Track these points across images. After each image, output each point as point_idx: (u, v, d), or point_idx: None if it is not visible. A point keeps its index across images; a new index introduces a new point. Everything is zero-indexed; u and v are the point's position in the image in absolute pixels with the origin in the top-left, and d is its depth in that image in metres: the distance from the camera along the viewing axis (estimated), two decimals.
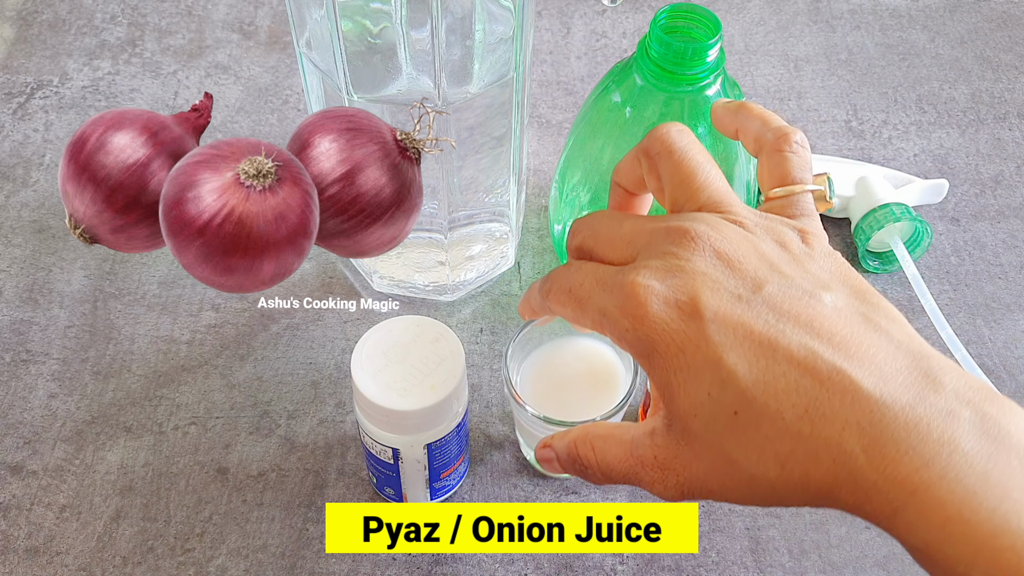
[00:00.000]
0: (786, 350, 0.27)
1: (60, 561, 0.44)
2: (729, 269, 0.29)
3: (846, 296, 0.29)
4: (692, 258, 0.29)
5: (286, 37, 0.68)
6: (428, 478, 0.43)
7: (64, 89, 0.64)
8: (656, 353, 0.29)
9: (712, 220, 0.30)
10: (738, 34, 0.69)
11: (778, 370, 0.27)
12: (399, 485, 0.44)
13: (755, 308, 0.28)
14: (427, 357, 0.40)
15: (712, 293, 0.28)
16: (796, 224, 0.32)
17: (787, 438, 0.27)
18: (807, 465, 0.27)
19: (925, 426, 0.26)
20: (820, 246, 0.31)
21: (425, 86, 0.43)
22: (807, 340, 0.27)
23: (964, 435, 0.26)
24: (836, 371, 0.27)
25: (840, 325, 0.28)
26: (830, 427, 0.26)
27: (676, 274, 0.29)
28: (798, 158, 0.33)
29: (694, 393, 0.28)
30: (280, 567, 0.44)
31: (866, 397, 0.26)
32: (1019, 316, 0.54)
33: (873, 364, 0.27)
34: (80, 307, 0.53)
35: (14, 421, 0.49)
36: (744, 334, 0.28)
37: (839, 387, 0.27)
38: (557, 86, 0.65)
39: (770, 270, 0.29)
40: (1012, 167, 0.61)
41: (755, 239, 0.30)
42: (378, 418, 0.40)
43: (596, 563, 0.44)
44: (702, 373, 0.28)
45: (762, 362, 0.27)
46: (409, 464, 0.42)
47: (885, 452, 0.26)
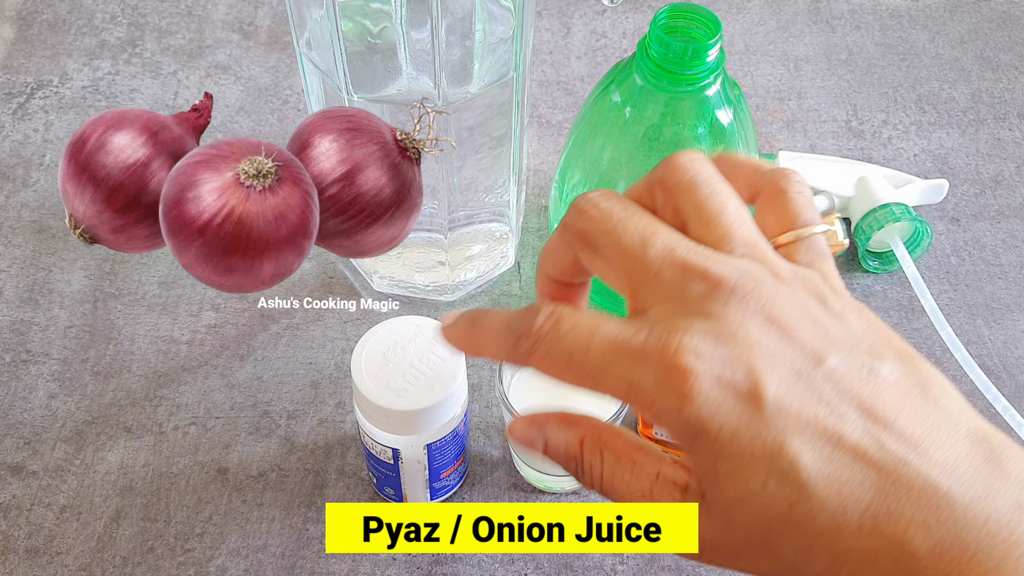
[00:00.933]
0: (851, 439, 0.25)
1: (60, 561, 0.44)
2: (785, 338, 0.26)
3: (899, 365, 0.27)
4: (744, 323, 0.26)
5: (286, 37, 0.68)
6: (428, 478, 0.43)
7: (64, 89, 0.64)
8: (704, 435, 0.25)
9: (753, 271, 0.27)
10: (738, 34, 0.69)
11: (843, 461, 0.24)
12: (399, 485, 0.44)
13: (817, 387, 0.25)
14: (427, 357, 0.40)
15: (772, 371, 0.25)
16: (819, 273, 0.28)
17: (846, 535, 0.24)
18: (863, 563, 0.24)
19: (995, 523, 0.24)
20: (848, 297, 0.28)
21: (425, 86, 0.43)
22: (871, 427, 0.25)
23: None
24: (903, 463, 0.24)
25: (902, 406, 0.26)
26: (895, 525, 0.24)
27: (727, 343, 0.25)
28: (802, 197, 0.30)
29: (746, 483, 0.25)
30: (280, 567, 0.44)
31: (934, 491, 0.24)
32: (1019, 316, 0.54)
33: (938, 451, 0.25)
34: (80, 307, 0.53)
35: (14, 421, 0.49)
36: (807, 419, 0.25)
37: (906, 481, 0.24)
38: (557, 86, 0.65)
39: (826, 338, 0.26)
40: (1012, 167, 0.61)
41: (799, 295, 0.27)
42: (378, 418, 0.40)
43: (596, 563, 0.44)
44: (757, 462, 0.25)
45: (826, 451, 0.24)
46: (409, 464, 0.42)
47: (952, 553, 0.24)
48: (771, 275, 0.27)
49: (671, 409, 0.25)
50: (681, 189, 0.29)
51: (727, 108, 0.45)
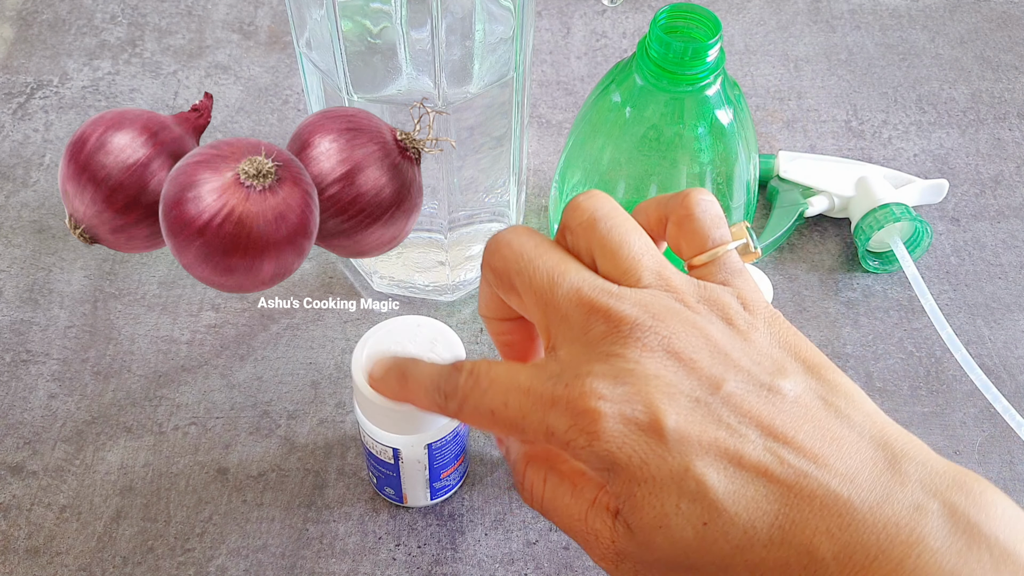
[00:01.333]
0: (752, 457, 0.26)
1: (60, 561, 0.44)
2: (683, 369, 0.27)
3: (804, 377, 0.28)
4: (641, 360, 0.27)
5: (286, 37, 0.68)
6: (428, 478, 0.43)
7: (64, 89, 0.64)
8: (617, 467, 0.27)
9: (655, 306, 0.28)
10: (738, 34, 0.69)
11: (746, 478, 0.26)
12: (399, 485, 0.44)
13: (716, 412, 0.27)
14: (427, 357, 0.40)
15: (670, 402, 0.27)
16: (731, 290, 0.30)
17: (758, 547, 0.26)
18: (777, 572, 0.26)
19: (894, 526, 0.25)
20: (761, 310, 0.30)
21: (425, 86, 0.43)
22: (772, 445, 0.26)
23: (932, 532, 0.25)
24: (803, 476, 0.26)
25: (803, 420, 0.27)
26: (801, 534, 0.25)
27: (627, 381, 0.27)
28: (709, 216, 0.31)
29: (661, 507, 0.26)
30: (280, 567, 0.44)
31: (834, 500, 0.26)
32: (1019, 316, 0.54)
33: (839, 462, 0.26)
34: (80, 307, 0.53)
35: (14, 421, 0.49)
36: (708, 443, 0.26)
37: (807, 493, 0.26)
38: (557, 86, 0.65)
39: (725, 363, 0.28)
40: (1012, 167, 0.61)
41: (701, 321, 0.28)
42: (378, 418, 0.40)
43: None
44: (668, 487, 0.26)
45: (730, 470, 0.26)
46: (409, 464, 0.42)
47: (856, 558, 0.25)
48: (677, 303, 0.28)
49: (584, 447, 0.27)
50: (583, 228, 0.30)
51: (727, 108, 0.45)
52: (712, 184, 0.47)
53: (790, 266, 0.56)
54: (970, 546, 0.25)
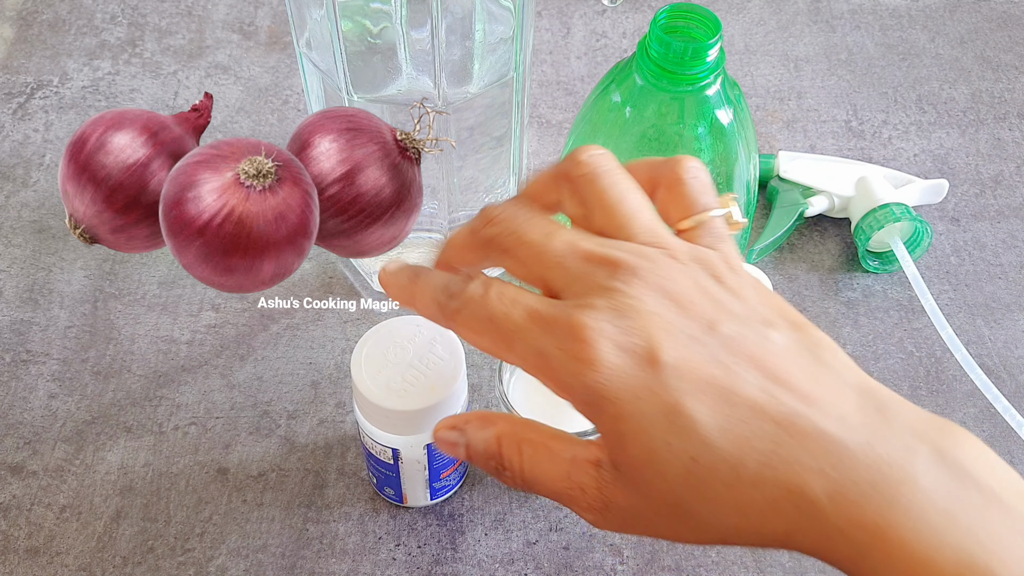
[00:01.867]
0: (746, 395, 0.26)
1: (60, 561, 0.44)
2: (680, 309, 0.28)
3: (790, 331, 0.28)
4: (642, 297, 0.27)
5: (286, 37, 0.68)
6: (428, 478, 0.43)
7: (64, 89, 0.64)
8: (605, 400, 0.27)
9: (650, 254, 0.29)
10: (738, 34, 0.69)
11: (738, 415, 0.26)
12: (399, 485, 0.44)
13: (712, 351, 0.27)
14: (427, 357, 0.40)
15: (668, 336, 0.27)
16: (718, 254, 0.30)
17: (747, 485, 0.26)
18: (767, 512, 0.26)
19: (886, 464, 0.25)
20: (745, 273, 0.30)
21: (425, 86, 0.43)
22: (766, 383, 0.27)
23: (924, 471, 0.25)
24: (796, 415, 0.26)
25: (794, 366, 0.27)
26: (792, 473, 0.25)
27: (628, 315, 0.27)
28: (698, 183, 0.31)
29: (649, 442, 0.26)
30: (280, 567, 0.44)
31: (827, 439, 0.26)
32: (1019, 316, 0.54)
33: (829, 404, 0.27)
34: (80, 307, 0.53)
35: (14, 421, 0.49)
36: (703, 379, 0.26)
37: (800, 431, 0.26)
38: (557, 86, 0.65)
39: (718, 309, 0.28)
40: (1012, 167, 0.61)
41: (693, 272, 0.29)
42: (378, 418, 0.40)
43: (596, 563, 0.44)
44: (658, 421, 0.26)
45: (723, 408, 0.26)
46: (409, 464, 0.42)
47: (848, 495, 0.25)
48: (668, 257, 0.29)
49: (575, 376, 0.27)
50: (584, 181, 0.30)
51: (727, 108, 0.45)
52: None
53: (790, 266, 0.56)
54: (959, 486, 0.25)
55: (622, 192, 0.30)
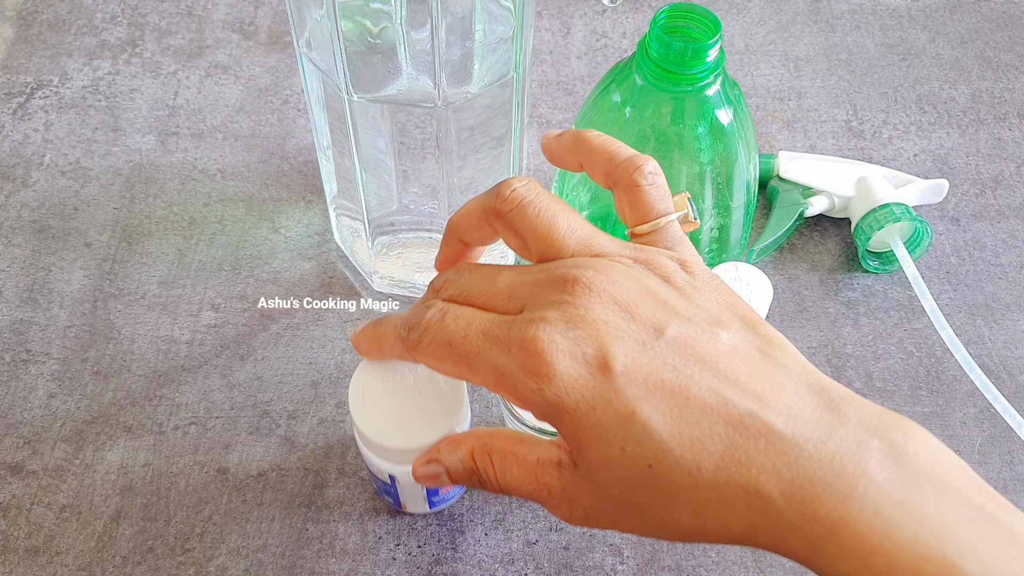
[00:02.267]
0: (698, 397, 0.27)
1: (60, 561, 0.44)
2: (628, 315, 0.28)
3: (741, 330, 0.29)
4: (591, 306, 0.28)
5: (286, 37, 0.68)
6: (426, 495, 0.43)
7: (64, 89, 0.64)
8: (563, 412, 0.27)
9: (594, 263, 0.30)
10: (738, 34, 0.69)
11: (691, 418, 0.27)
12: (397, 497, 0.43)
13: (661, 355, 0.27)
14: (427, 389, 0.38)
15: (618, 343, 0.27)
16: (672, 255, 0.31)
17: (702, 488, 0.26)
18: (722, 512, 0.26)
19: (839, 461, 0.26)
20: (701, 272, 0.31)
21: (425, 86, 0.43)
22: (716, 385, 0.27)
23: (876, 465, 0.26)
24: (749, 415, 0.26)
25: (743, 365, 0.28)
26: (747, 473, 0.26)
27: (578, 325, 0.28)
28: (655, 188, 0.32)
29: (606, 448, 0.27)
30: (280, 567, 0.44)
31: (779, 438, 0.26)
32: (1019, 316, 0.54)
33: (781, 403, 0.27)
34: (80, 307, 0.53)
35: (14, 421, 0.49)
36: (655, 384, 0.27)
37: (753, 431, 0.26)
38: (557, 86, 0.65)
39: (666, 311, 0.29)
40: (1012, 167, 0.61)
41: (639, 275, 0.30)
42: (376, 449, 0.39)
43: (596, 563, 0.44)
44: (614, 428, 0.27)
45: (675, 412, 0.27)
46: (406, 486, 0.41)
47: (803, 493, 0.25)
48: (611, 262, 0.30)
49: (533, 390, 0.28)
50: (513, 216, 0.32)
51: (727, 108, 0.45)
52: (712, 184, 0.47)
53: (790, 266, 0.56)
54: (911, 477, 0.26)
55: (551, 219, 0.31)
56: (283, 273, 0.55)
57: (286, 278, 0.54)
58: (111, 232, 0.56)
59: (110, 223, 0.57)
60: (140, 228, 0.57)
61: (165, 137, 0.61)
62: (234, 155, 0.60)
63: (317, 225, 0.57)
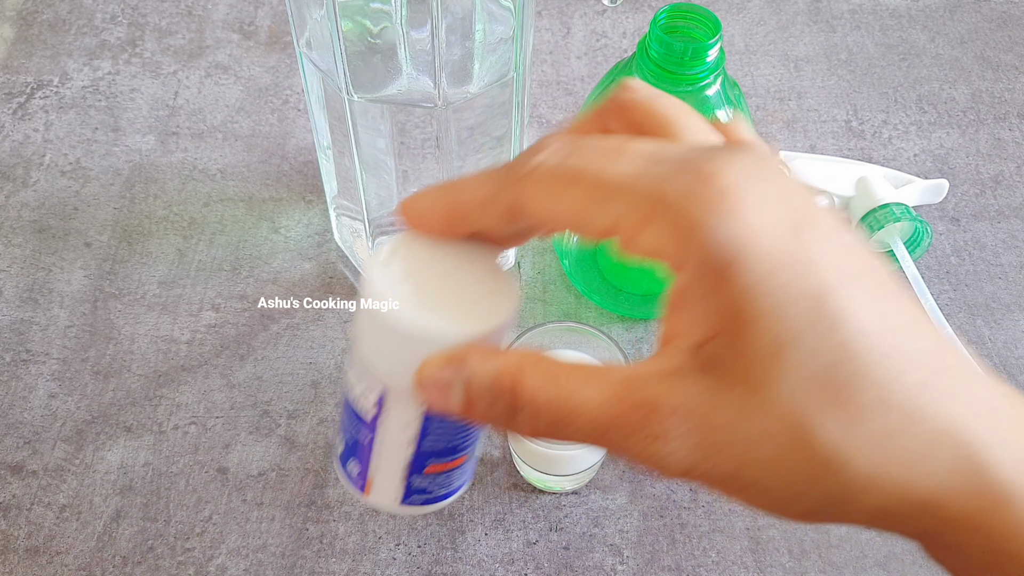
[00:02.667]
0: (900, 298, 0.20)
1: (60, 561, 0.44)
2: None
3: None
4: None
5: (286, 37, 0.68)
6: (409, 461, 0.28)
7: (64, 89, 0.64)
8: (740, 262, 0.19)
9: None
10: (738, 34, 0.69)
11: (892, 309, 0.20)
12: (368, 459, 0.29)
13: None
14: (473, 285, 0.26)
15: (816, 211, 0.21)
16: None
17: (895, 410, 0.19)
18: (917, 457, 0.20)
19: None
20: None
21: (425, 86, 0.43)
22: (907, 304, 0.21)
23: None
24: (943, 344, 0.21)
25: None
26: (959, 406, 0.20)
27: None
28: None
29: (782, 328, 0.19)
30: (280, 567, 0.44)
31: (967, 375, 0.20)
32: (1019, 316, 0.54)
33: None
34: (80, 307, 0.53)
35: (14, 421, 0.49)
36: (861, 264, 0.20)
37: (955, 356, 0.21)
38: (557, 86, 0.65)
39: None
40: (1012, 167, 0.61)
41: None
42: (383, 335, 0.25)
43: (596, 563, 0.44)
44: (800, 303, 0.19)
45: (877, 300, 0.20)
46: (392, 426, 0.27)
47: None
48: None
49: (708, 227, 0.20)
50: (638, 104, 0.24)
51: (727, 108, 0.45)
52: None
53: None
54: None
55: (682, 111, 0.24)
56: (283, 273, 0.55)
57: (286, 278, 0.54)
58: (111, 232, 0.56)
59: (110, 223, 0.57)
60: (140, 228, 0.57)
61: (165, 137, 0.61)
62: (234, 155, 0.60)
63: (317, 225, 0.57)
